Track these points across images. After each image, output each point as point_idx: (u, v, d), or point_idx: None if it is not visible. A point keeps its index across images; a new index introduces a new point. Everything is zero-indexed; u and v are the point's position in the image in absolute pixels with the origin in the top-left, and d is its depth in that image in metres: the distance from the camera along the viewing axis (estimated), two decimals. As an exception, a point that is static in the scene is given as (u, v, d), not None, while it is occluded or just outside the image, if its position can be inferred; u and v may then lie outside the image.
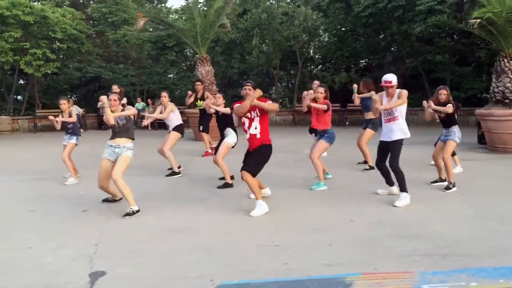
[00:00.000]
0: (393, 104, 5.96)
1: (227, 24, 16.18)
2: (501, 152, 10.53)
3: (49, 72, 18.59)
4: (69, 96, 25.53)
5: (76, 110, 19.49)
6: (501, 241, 4.51)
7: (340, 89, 21.26)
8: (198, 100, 11.51)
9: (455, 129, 6.98)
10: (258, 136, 5.71)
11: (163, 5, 28.33)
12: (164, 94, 8.70)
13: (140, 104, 20.43)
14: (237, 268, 3.95)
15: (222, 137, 7.74)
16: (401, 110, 6.04)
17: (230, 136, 7.63)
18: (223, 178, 7.52)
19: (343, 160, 9.54)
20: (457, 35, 20.63)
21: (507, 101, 10.96)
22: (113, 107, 5.93)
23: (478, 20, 9.97)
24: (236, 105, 5.76)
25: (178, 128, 8.67)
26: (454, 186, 6.78)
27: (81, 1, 25.60)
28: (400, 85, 6.93)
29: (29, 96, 21.36)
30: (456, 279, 3.61)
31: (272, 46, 19.65)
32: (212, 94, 14.52)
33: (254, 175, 5.65)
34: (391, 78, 6.02)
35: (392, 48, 22.83)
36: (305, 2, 21.42)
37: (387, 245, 4.47)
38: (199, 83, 11.94)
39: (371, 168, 8.27)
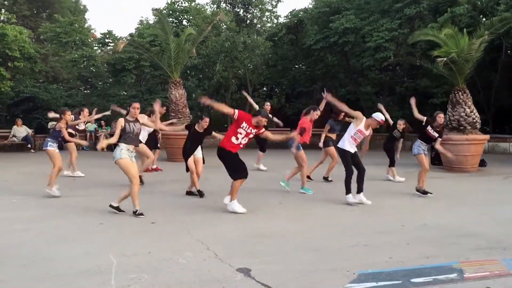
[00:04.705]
0: None
1: (193, 51, 16.89)
2: (457, 171, 12.18)
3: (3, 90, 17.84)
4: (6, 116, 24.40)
5: (26, 130, 18.93)
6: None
7: (273, 113, 22.50)
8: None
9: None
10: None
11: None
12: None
13: (92, 126, 20.07)
14: (356, 263, 4.56)
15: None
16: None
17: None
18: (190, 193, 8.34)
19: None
20: (387, 70, 22.76)
21: (461, 127, 12.69)
22: (135, 115, 6.74)
23: (445, 59, 11.59)
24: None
25: None
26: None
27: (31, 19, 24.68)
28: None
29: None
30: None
31: (231, 72, 20.55)
32: (185, 117, 15.04)
33: None
34: None
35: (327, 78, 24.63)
36: (256, 33, 22.66)
37: (450, 242, 5.35)
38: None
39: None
